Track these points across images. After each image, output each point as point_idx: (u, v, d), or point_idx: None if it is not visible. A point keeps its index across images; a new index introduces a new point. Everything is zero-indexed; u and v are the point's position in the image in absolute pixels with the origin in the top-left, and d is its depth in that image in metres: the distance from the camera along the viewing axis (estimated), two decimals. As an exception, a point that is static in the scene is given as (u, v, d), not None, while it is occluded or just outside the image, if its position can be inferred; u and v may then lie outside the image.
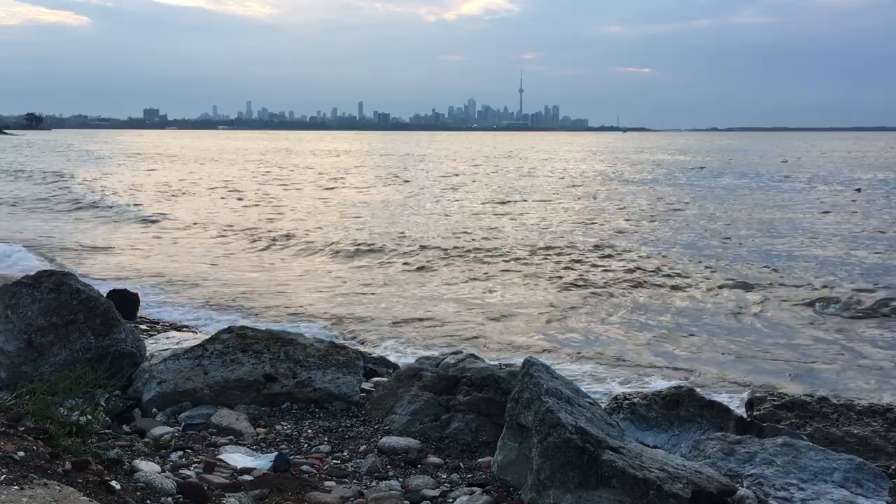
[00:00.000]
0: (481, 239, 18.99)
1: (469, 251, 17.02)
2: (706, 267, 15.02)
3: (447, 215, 24.22)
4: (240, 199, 29.89)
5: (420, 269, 15.14)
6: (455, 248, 17.44)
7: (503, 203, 28.17)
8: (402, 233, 19.85)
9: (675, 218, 23.54)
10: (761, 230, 20.51)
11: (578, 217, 23.71)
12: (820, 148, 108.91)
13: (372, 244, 17.80)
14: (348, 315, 11.34)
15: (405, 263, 15.63)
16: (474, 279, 14.13)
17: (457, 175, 46.03)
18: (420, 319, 11.23)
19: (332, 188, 35.34)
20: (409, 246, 17.64)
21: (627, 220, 22.95)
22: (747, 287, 13.12)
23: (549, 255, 16.53)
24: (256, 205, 27.55)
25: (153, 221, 22.73)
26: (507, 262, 15.73)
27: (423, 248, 17.35)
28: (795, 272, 14.47)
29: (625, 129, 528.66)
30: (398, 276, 14.59)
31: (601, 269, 14.86)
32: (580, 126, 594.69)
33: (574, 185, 37.55)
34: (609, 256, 16.29)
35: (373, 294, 12.91)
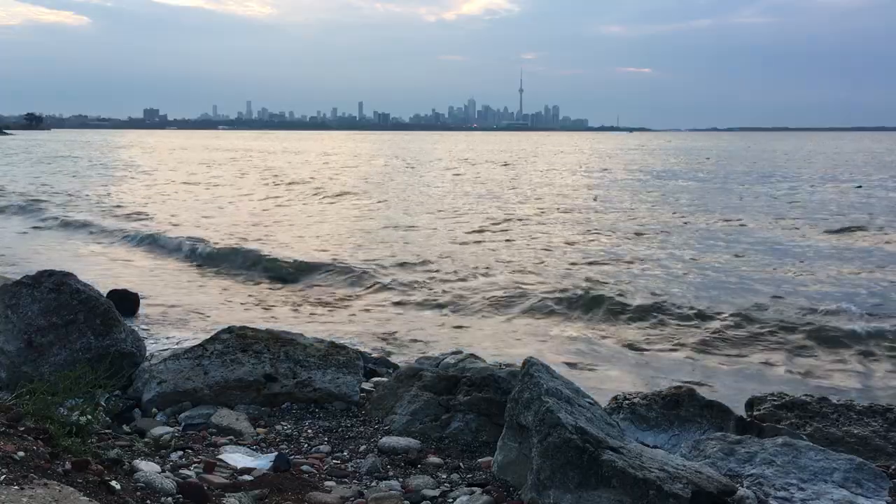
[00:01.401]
0: (482, 242, 18.99)
1: (469, 253, 17.02)
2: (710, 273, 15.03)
3: (450, 227, 24.18)
4: (223, 207, 29.65)
5: (426, 262, 15.15)
6: (455, 251, 17.44)
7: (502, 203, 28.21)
8: (404, 239, 19.83)
9: (684, 221, 23.50)
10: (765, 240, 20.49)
11: (582, 218, 23.73)
12: (834, 148, 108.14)
13: (368, 257, 17.63)
14: (345, 319, 11.36)
15: (401, 265, 15.61)
16: (475, 280, 14.13)
17: (457, 174, 46.05)
18: (419, 320, 11.24)
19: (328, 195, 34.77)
20: (406, 253, 17.61)
21: (632, 223, 22.94)
22: (746, 290, 13.14)
23: (549, 256, 16.54)
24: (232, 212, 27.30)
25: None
26: (505, 266, 15.71)
27: (422, 254, 17.32)
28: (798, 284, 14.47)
29: (631, 130, 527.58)
30: (396, 282, 14.55)
31: (602, 270, 14.87)
32: (580, 126, 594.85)
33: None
34: (612, 261, 16.28)
35: (369, 298, 12.92)
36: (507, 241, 18.70)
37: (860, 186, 35.16)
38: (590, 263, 15.48)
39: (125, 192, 32.17)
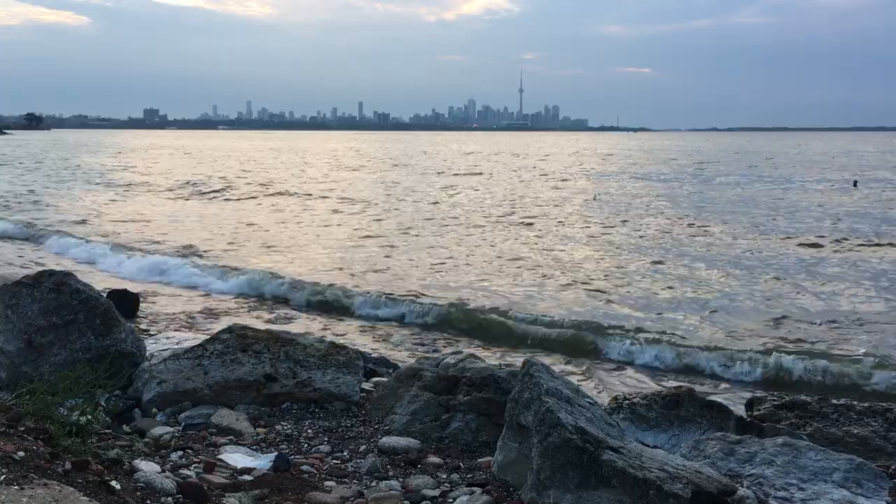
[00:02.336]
0: (482, 244, 18.99)
1: (468, 255, 17.02)
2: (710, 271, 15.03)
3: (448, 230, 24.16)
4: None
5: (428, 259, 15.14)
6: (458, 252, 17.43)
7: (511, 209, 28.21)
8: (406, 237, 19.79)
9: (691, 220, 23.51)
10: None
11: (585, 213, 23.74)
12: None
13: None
14: (345, 321, 11.34)
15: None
16: (475, 282, 14.13)
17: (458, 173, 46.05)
18: (419, 322, 11.23)
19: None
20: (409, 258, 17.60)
21: (632, 220, 22.95)
22: (744, 286, 13.13)
23: (548, 256, 16.54)
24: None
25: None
26: (505, 268, 15.71)
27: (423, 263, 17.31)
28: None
29: (636, 129, 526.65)
30: (396, 284, 14.55)
31: (602, 271, 14.87)
32: (580, 126, 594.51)
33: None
34: (612, 262, 16.28)
35: (368, 299, 12.91)
36: (509, 242, 18.70)
37: (856, 184, 35.13)
38: (590, 264, 15.48)
39: (84, 199, 31.42)
